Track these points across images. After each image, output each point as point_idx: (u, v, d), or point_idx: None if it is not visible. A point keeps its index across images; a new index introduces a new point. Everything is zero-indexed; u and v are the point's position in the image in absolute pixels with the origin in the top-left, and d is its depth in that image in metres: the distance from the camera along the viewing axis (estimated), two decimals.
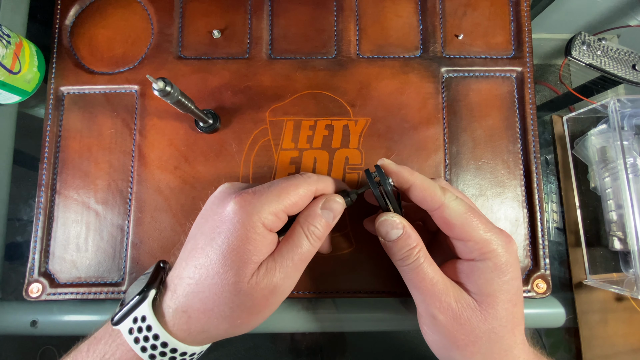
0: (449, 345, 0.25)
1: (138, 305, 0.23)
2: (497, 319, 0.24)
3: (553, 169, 0.38)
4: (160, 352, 0.23)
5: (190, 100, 0.29)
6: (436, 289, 0.24)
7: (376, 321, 0.35)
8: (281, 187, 0.24)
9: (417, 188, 0.25)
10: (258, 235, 0.23)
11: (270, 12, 0.37)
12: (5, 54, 0.32)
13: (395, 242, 0.25)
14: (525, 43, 0.36)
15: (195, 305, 0.23)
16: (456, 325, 0.24)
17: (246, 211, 0.23)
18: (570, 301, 0.36)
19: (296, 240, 0.25)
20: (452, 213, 0.25)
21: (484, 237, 0.24)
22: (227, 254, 0.23)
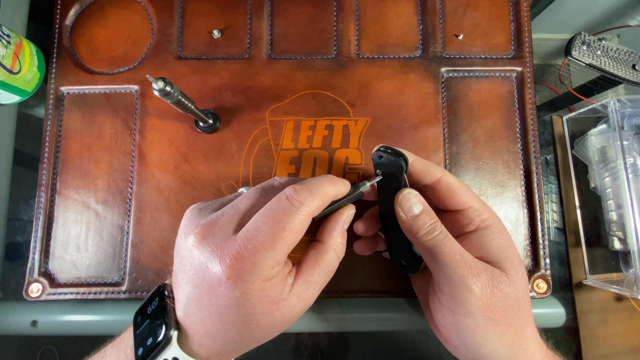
0: (483, 324, 0.23)
1: (165, 347, 0.22)
2: (520, 282, 0.24)
3: (553, 169, 0.38)
4: None
5: (190, 100, 0.29)
6: (467, 259, 0.23)
7: (376, 321, 0.35)
8: (274, 234, 0.21)
9: (418, 162, 0.26)
10: (267, 290, 0.21)
11: (270, 12, 0.37)
12: (5, 54, 0.32)
13: (419, 217, 0.24)
14: (525, 43, 0.36)
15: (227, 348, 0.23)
16: (491, 294, 0.23)
17: (245, 281, 0.20)
18: (570, 301, 0.36)
19: (329, 263, 0.24)
20: (453, 180, 0.26)
21: (480, 203, 0.26)
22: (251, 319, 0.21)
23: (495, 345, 0.24)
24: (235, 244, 0.21)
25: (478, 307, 0.23)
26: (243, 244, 0.21)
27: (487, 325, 0.23)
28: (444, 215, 0.27)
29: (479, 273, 0.23)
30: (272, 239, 0.21)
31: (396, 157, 0.25)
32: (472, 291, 0.23)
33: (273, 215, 0.21)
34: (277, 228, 0.21)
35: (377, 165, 0.27)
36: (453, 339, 0.25)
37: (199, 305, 0.22)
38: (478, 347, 0.24)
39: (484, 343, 0.24)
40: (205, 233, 0.22)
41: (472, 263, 0.23)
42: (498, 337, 0.23)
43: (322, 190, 0.23)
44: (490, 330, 0.23)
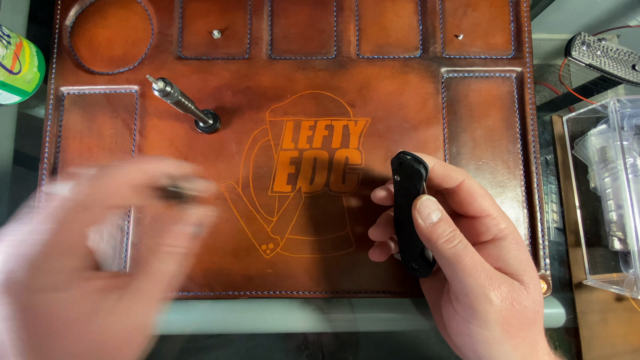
0: (500, 337, 0.23)
1: None
2: (537, 295, 0.24)
3: (553, 169, 0.39)
4: None
5: (190, 101, 0.29)
6: (487, 269, 0.23)
7: (376, 321, 0.35)
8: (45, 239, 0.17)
9: (439, 166, 0.26)
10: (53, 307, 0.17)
11: (270, 12, 0.37)
12: (5, 54, 0.32)
13: (437, 224, 0.24)
14: (525, 43, 0.36)
15: None
16: (510, 307, 0.23)
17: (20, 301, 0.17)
18: (570, 301, 0.36)
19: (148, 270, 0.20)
20: (474, 186, 0.26)
21: (499, 212, 0.26)
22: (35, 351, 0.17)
23: (508, 357, 0.23)
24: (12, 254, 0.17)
25: (496, 319, 0.22)
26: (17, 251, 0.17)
27: (503, 338, 0.23)
28: (460, 221, 0.27)
29: (499, 285, 0.23)
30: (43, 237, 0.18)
31: (417, 164, 0.25)
32: (492, 303, 0.22)
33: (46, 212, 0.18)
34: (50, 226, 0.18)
35: (396, 171, 0.26)
36: (466, 348, 0.25)
37: None
38: (491, 358, 0.24)
39: (497, 355, 0.23)
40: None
41: (493, 274, 0.23)
42: (512, 350, 0.23)
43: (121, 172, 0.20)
44: (505, 342, 0.23)
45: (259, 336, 0.36)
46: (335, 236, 0.33)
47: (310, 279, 0.33)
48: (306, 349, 0.36)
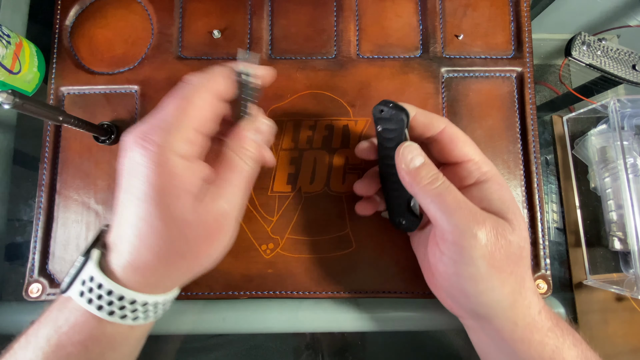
0: (486, 272, 0.23)
1: (83, 267, 0.22)
2: (522, 231, 0.25)
3: (553, 169, 0.39)
4: (119, 306, 0.22)
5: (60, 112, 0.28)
6: (471, 206, 0.24)
7: (376, 321, 0.35)
8: (176, 108, 0.22)
9: (420, 114, 0.27)
10: (179, 168, 0.21)
11: (270, 12, 0.37)
12: (5, 54, 0.32)
13: (420, 168, 0.25)
14: (525, 43, 0.36)
15: (146, 256, 0.22)
16: (495, 241, 0.23)
17: (154, 151, 0.21)
18: (570, 301, 0.36)
19: (233, 166, 0.24)
20: (456, 132, 0.27)
21: (481, 156, 0.27)
22: (157, 198, 0.21)
23: (496, 293, 0.24)
24: (145, 123, 0.22)
25: (482, 254, 0.23)
26: (150, 120, 0.22)
27: (489, 273, 0.23)
28: (444, 169, 0.28)
29: (484, 221, 0.23)
30: (174, 111, 0.22)
31: (398, 110, 0.26)
32: (477, 238, 0.23)
33: (174, 95, 0.23)
34: (178, 102, 0.22)
35: (378, 120, 0.27)
36: (454, 289, 0.25)
37: (121, 198, 0.22)
38: (479, 295, 0.24)
39: (485, 291, 0.24)
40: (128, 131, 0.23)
41: (476, 211, 0.24)
42: (500, 285, 0.24)
43: (212, 73, 0.24)
44: (492, 278, 0.23)
45: (258, 336, 0.36)
46: (335, 236, 0.33)
47: (310, 279, 0.33)
48: (306, 350, 0.36)
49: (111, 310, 0.22)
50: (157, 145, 0.21)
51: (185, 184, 0.22)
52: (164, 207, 0.21)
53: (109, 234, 0.23)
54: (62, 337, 0.21)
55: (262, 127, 0.26)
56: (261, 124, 0.26)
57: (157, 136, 0.21)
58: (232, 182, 0.24)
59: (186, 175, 0.22)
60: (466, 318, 0.28)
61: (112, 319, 0.22)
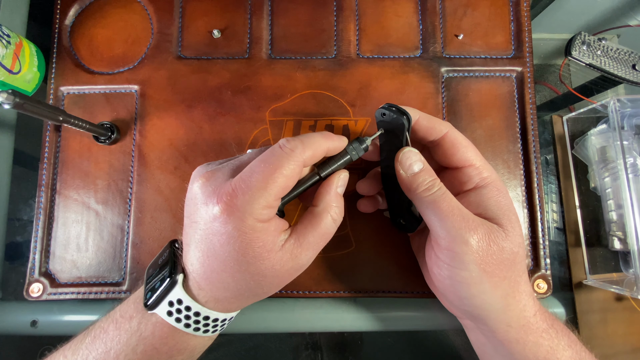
0: (478, 276, 0.24)
1: (170, 290, 0.24)
2: (516, 236, 0.25)
3: (553, 169, 0.38)
4: (204, 324, 0.24)
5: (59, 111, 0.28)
6: (465, 212, 0.24)
7: (376, 321, 0.35)
8: (265, 176, 0.22)
9: (424, 119, 0.27)
10: (259, 232, 0.22)
11: (270, 12, 0.37)
12: (5, 54, 0.32)
13: (418, 174, 0.26)
14: (525, 43, 0.36)
15: (225, 294, 0.24)
16: (487, 247, 0.24)
17: (237, 217, 0.22)
18: (570, 301, 0.36)
19: (323, 226, 0.25)
20: (458, 138, 0.27)
21: (482, 161, 0.27)
22: (240, 257, 0.22)
23: (488, 296, 0.24)
24: (231, 184, 0.23)
25: (473, 259, 0.24)
26: (237, 183, 0.22)
27: (481, 277, 0.24)
28: (445, 173, 0.28)
29: (476, 227, 0.24)
30: (263, 179, 0.22)
31: (399, 115, 0.26)
32: (468, 244, 0.24)
33: (265, 160, 0.23)
34: (269, 170, 0.22)
35: (379, 123, 0.27)
36: (448, 292, 0.26)
37: (198, 245, 0.24)
38: (472, 298, 0.25)
39: (477, 294, 0.25)
40: (208, 177, 0.24)
41: (469, 217, 0.24)
42: (492, 289, 0.24)
43: (313, 141, 0.24)
44: (484, 282, 0.24)
45: (258, 336, 0.37)
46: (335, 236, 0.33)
47: (310, 278, 0.33)
48: (305, 349, 0.36)
49: (197, 327, 0.24)
50: (241, 212, 0.22)
51: (265, 247, 0.23)
52: (244, 265, 0.23)
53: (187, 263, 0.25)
54: (148, 347, 0.24)
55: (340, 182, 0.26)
56: (346, 178, 0.27)
57: (241, 203, 0.22)
58: (316, 241, 0.25)
59: (265, 237, 0.23)
60: (463, 318, 0.29)
61: (197, 333, 0.25)
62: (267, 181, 0.22)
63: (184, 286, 0.24)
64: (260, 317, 0.34)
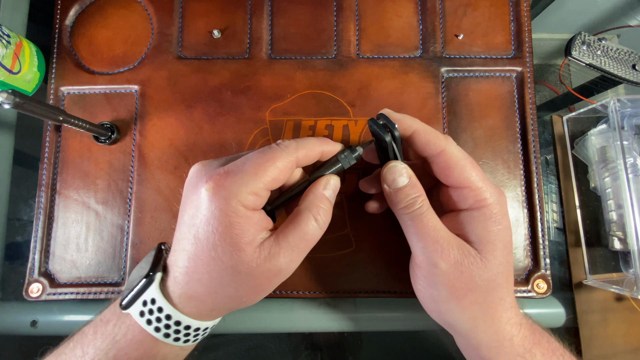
0: (446, 297, 0.25)
1: (146, 289, 0.23)
2: (496, 266, 0.24)
3: (553, 169, 0.38)
4: (174, 330, 0.23)
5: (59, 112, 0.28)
6: (439, 235, 0.24)
7: (376, 321, 0.35)
8: (257, 163, 0.23)
9: (420, 132, 0.26)
10: (241, 218, 0.22)
11: (270, 12, 0.37)
12: (5, 54, 0.32)
13: (401, 190, 0.25)
14: (525, 43, 0.36)
15: (199, 290, 0.23)
16: (457, 273, 0.24)
17: (222, 196, 0.22)
18: (570, 301, 0.36)
19: (304, 226, 0.24)
20: (454, 157, 0.25)
21: (479, 185, 0.25)
22: (216, 241, 0.22)
23: (456, 316, 0.25)
24: (224, 167, 0.23)
25: (442, 281, 0.24)
26: (230, 167, 0.23)
27: (449, 298, 0.25)
28: (443, 187, 0.28)
29: (448, 252, 0.24)
30: (255, 165, 0.23)
31: (383, 130, 0.25)
32: (437, 267, 0.24)
33: (261, 151, 0.24)
34: (262, 159, 0.23)
35: (372, 134, 0.27)
36: (423, 301, 0.27)
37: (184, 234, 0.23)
38: (441, 313, 0.26)
39: (446, 312, 0.26)
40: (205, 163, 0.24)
41: (443, 241, 0.24)
42: (460, 310, 0.25)
43: (308, 142, 0.25)
44: (452, 302, 0.25)
45: (257, 336, 0.36)
46: (335, 236, 0.33)
47: (310, 278, 0.33)
48: (305, 350, 0.36)
49: (167, 332, 0.23)
50: (227, 191, 0.22)
51: (244, 235, 0.22)
52: (219, 252, 0.22)
53: (170, 257, 0.24)
54: (120, 352, 0.23)
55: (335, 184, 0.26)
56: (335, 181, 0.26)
57: (229, 183, 0.22)
58: (298, 247, 0.24)
59: (246, 226, 0.22)
60: None
61: (167, 340, 0.23)
62: (257, 168, 0.23)
63: (161, 286, 0.23)
64: (260, 317, 0.34)
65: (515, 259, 0.33)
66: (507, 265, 0.25)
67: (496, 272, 0.24)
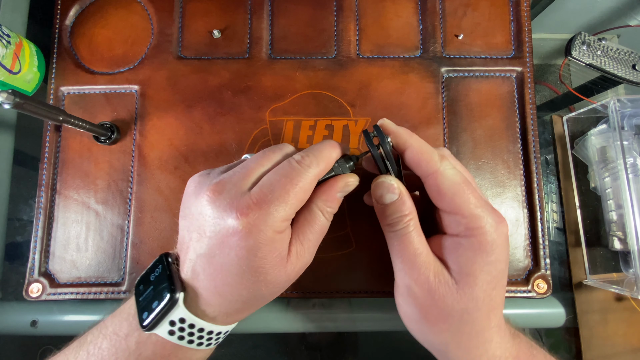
0: (420, 319, 0.25)
1: (170, 309, 0.23)
2: (472, 301, 0.23)
3: (553, 169, 0.39)
4: (207, 338, 0.24)
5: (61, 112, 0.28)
6: (417, 260, 0.24)
7: (376, 321, 0.35)
8: (287, 190, 0.22)
9: (413, 150, 0.25)
10: (277, 243, 0.23)
11: (270, 12, 0.37)
12: (5, 54, 0.32)
13: (388, 206, 0.25)
14: (525, 43, 0.36)
15: (235, 307, 0.24)
16: (429, 300, 0.24)
17: (259, 230, 0.22)
18: (570, 301, 0.36)
19: (317, 222, 0.25)
20: (446, 181, 0.24)
21: (472, 212, 0.23)
22: (257, 270, 0.22)
23: (429, 338, 0.25)
24: (251, 198, 0.22)
25: (414, 303, 0.24)
26: (259, 197, 0.22)
27: (423, 321, 0.25)
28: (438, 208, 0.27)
29: (425, 276, 0.24)
30: (285, 193, 0.22)
31: (371, 145, 0.25)
32: (411, 291, 0.24)
33: (286, 174, 0.23)
34: (290, 185, 0.23)
35: None
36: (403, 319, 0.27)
37: (209, 259, 0.23)
38: (415, 333, 0.26)
39: (418, 332, 0.26)
40: (219, 190, 0.23)
41: (421, 265, 0.24)
42: (433, 335, 0.25)
43: (325, 155, 0.25)
44: (425, 325, 0.25)
45: (257, 336, 0.36)
46: (335, 236, 0.33)
47: (310, 279, 0.33)
48: (305, 350, 0.36)
49: (200, 342, 0.24)
50: (263, 225, 0.22)
51: (281, 253, 0.23)
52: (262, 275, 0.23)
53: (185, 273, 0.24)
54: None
55: (350, 186, 0.26)
56: (350, 182, 0.26)
57: (263, 216, 0.22)
58: (314, 239, 0.25)
59: (280, 246, 0.23)
60: None
61: (199, 348, 0.24)
62: (288, 195, 0.22)
63: (186, 304, 0.23)
64: (260, 317, 0.34)
65: (515, 259, 0.33)
66: (489, 300, 0.24)
67: (472, 305, 0.23)
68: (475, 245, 0.23)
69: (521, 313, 0.35)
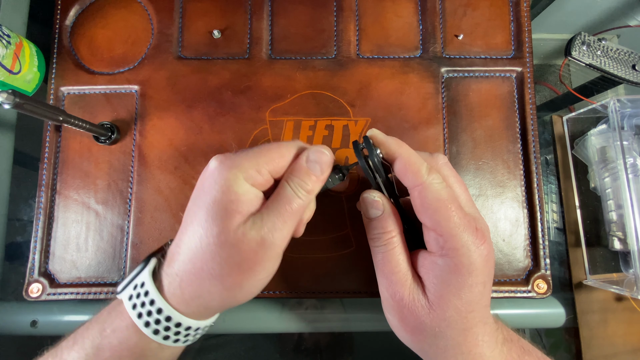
0: (399, 327, 0.25)
1: (139, 273, 0.23)
2: (444, 321, 0.23)
3: (553, 169, 0.39)
4: (155, 320, 0.22)
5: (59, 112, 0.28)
6: (394, 277, 0.25)
7: (376, 321, 0.35)
8: (263, 147, 0.24)
9: (401, 161, 0.24)
10: (240, 187, 0.22)
11: (270, 12, 0.37)
12: (5, 54, 0.32)
13: (371, 221, 0.26)
14: (525, 43, 0.36)
15: (186, 267, 0.23)
16: (404, 312, 0.24)
17: (226, 165, 0.23)
18: (570, 301, 0.36)
19: (282, 195, 0.23)
20: (429, 195, 0.23)
21: (451, 232, 0.22)
22: (210, 208, 0.22)
23: (409, 343, 0.26)
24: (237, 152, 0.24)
25: (393, 313, 0.25)
26: (242, 150, 0.24)
27: (401, 329, 0.25)
28: None
29: (400, 292, 0.24)
30: (261, 148, 0.24)
31: (360, 158, 0.25)
32: (388, 301, 0.25)
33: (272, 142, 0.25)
34: (267, 145, 0.24)
35: None
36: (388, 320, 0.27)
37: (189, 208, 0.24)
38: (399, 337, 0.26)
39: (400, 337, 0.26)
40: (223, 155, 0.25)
41: (397, 280, 0.24)
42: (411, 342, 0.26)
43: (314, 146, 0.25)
44: (403, 332, 0.25)
45: (257, 337, 0.36)
46: (335, 236, 0.33)
47: (310, 279, 0.33)
48: (305, 349, 0.36)
49: (147, 320, 0.22)
50: (231, 161, 0.23)
51: (240, 205, 0.22)
52: (214, 222, 0.22)
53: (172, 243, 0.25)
54: (104, 340, 0.23)
55: (321, 157, 0.24)
56: (320, 153, 0.24)
57: (235, 157, 0.24)
58: (279, 212, 0.23)
59: (243, 197, 0.22)
60: None
61: (156, 338, 0.23)
62: (262, 150, 0.24)
63: (155, 274, 0.23)
64: (259, 317, 0.34)
65: (515, 259, 0.33)
66: (464, 321, 0.23)
67: (445, 325, 0.23)
68: (452, 266, 0.23)
69: (521, 313, 0.35)
